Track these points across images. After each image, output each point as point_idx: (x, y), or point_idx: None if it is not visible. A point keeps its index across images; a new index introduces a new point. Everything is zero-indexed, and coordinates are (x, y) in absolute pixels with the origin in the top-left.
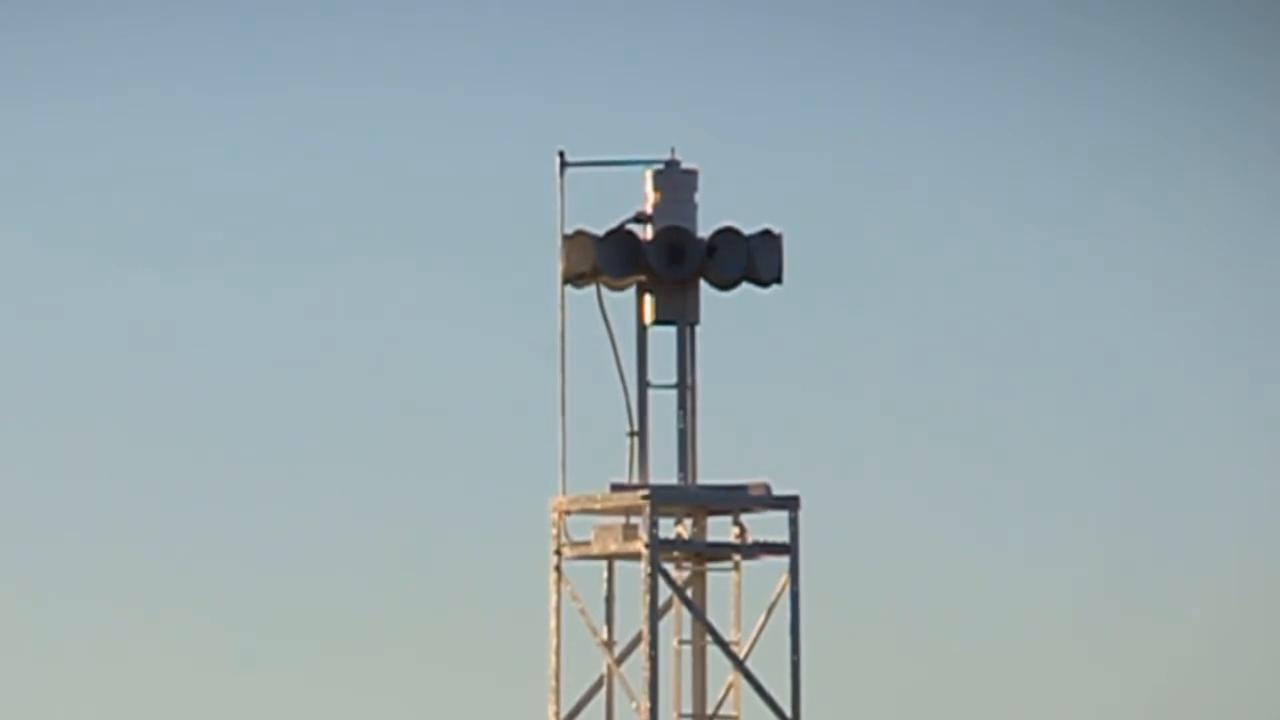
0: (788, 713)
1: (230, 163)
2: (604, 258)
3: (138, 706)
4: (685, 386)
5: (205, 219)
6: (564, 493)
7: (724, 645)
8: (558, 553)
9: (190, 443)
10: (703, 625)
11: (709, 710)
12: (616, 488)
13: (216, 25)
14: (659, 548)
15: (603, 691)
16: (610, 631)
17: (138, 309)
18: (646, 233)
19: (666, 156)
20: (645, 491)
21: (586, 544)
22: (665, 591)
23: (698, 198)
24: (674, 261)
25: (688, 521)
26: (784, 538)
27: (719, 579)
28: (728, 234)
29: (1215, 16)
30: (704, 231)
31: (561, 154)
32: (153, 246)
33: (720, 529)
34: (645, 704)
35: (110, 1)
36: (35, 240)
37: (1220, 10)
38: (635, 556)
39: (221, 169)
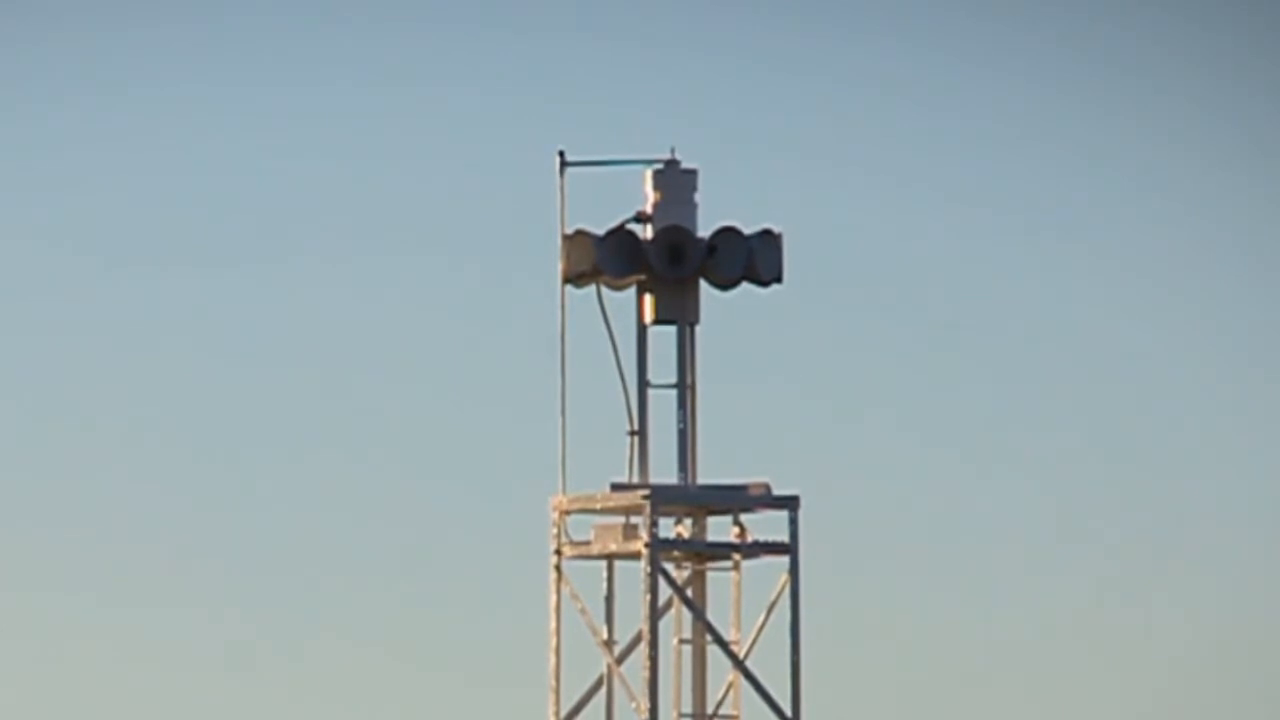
0: (788, 713)
1: (230, 163)
2: (604, 258)
3: (138, 707)
4: (685, 386)
5: (206, 219)
6: (564, 492)
7: (724, 645)
8: (558, 552)
9: (189, 443)
10: (703, 625)
11: (709, 710)
12: (616, 487)
13: (217, 25)
14: (659, 547)
15: (603, 691)
16: (610, 631)
17: (136, 309)
18: (646, 232)
19: (666, 156)
20: (645, 491)
21: (586, 544)
22: (665, 591)
23: (698, 198)
24: (674, 261)
25: (688, 521)
26: (784, 538)
27: (719, 579)
28: (728, 234)
29: (1216, 17)
30: (704, 231)
31: (561, 154)
32: (153, 246)
33: (720, 529)
34: (645, 704)
35: (110, 1)
36: (34, 240)
37: (1220, 10)
38: (635, 556)
39: (221, 169)
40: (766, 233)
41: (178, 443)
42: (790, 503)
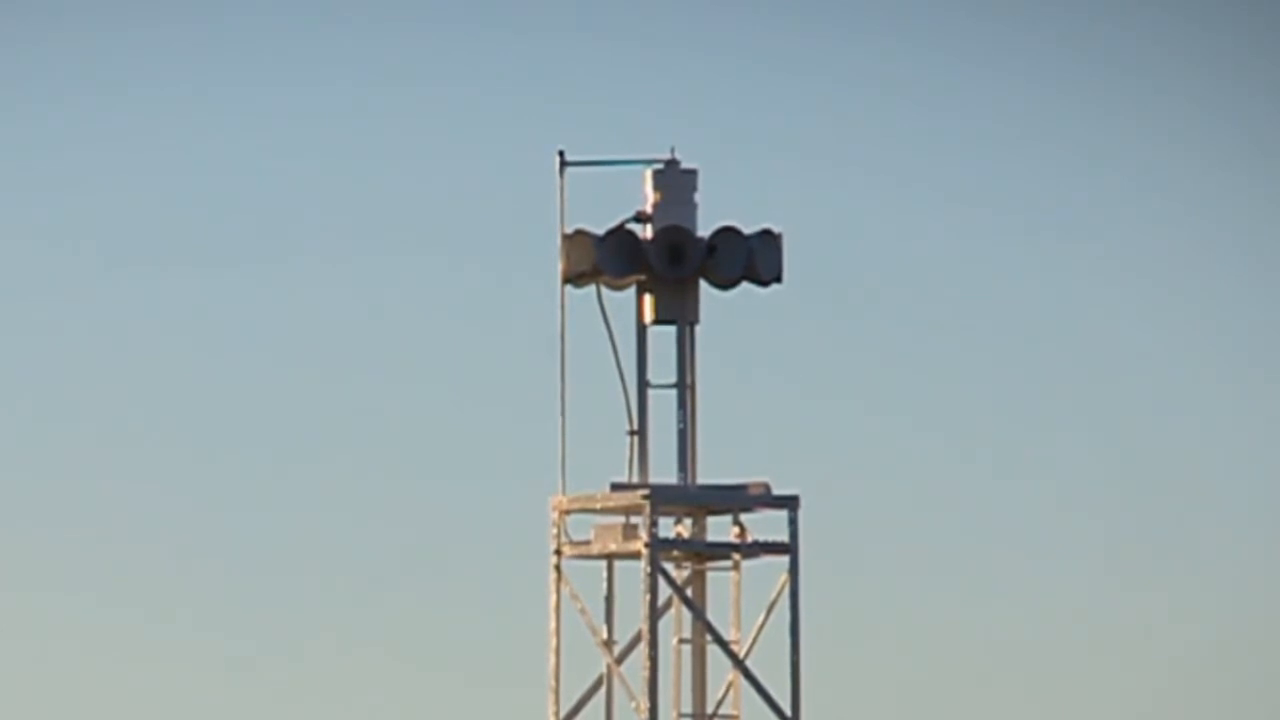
0: (788, 713)
1: (230, 163)
2: (604, 257)
3: (138, 707)
4: (685, 386)
5: (206, 219)
6: (564, 492)
7: (724, 645)
8: (558, 552)
9: (189, 443)
10: (703, 625)
11: (709, 710)
12: (616, 487)
13: (217, 25)
14: (659, 547)
15: (602, 691)
16: (610, 631)
17: (136, 309)
18: (646, 232)
19: (666, 156)
20: (645, 491)
21: (586, 544)
22: (665, 591)
23: (698, 197)
24: (674, 261)
25: (688, 521)
26: (784, 538)
27: (719, 579)
28: (728, 234)
29: (1216, 17)
30: (704, 231)
31: (561, 154)
32: (153, 246)
33: (720, 529)
34: (645, 704)
35: (110, 1)
36: (34, 240)
37: (1220, 10)
38: (635, 556)
39: (221, 169)
40: (766, 233)
41: (178, 443)
42: (790, 503)
